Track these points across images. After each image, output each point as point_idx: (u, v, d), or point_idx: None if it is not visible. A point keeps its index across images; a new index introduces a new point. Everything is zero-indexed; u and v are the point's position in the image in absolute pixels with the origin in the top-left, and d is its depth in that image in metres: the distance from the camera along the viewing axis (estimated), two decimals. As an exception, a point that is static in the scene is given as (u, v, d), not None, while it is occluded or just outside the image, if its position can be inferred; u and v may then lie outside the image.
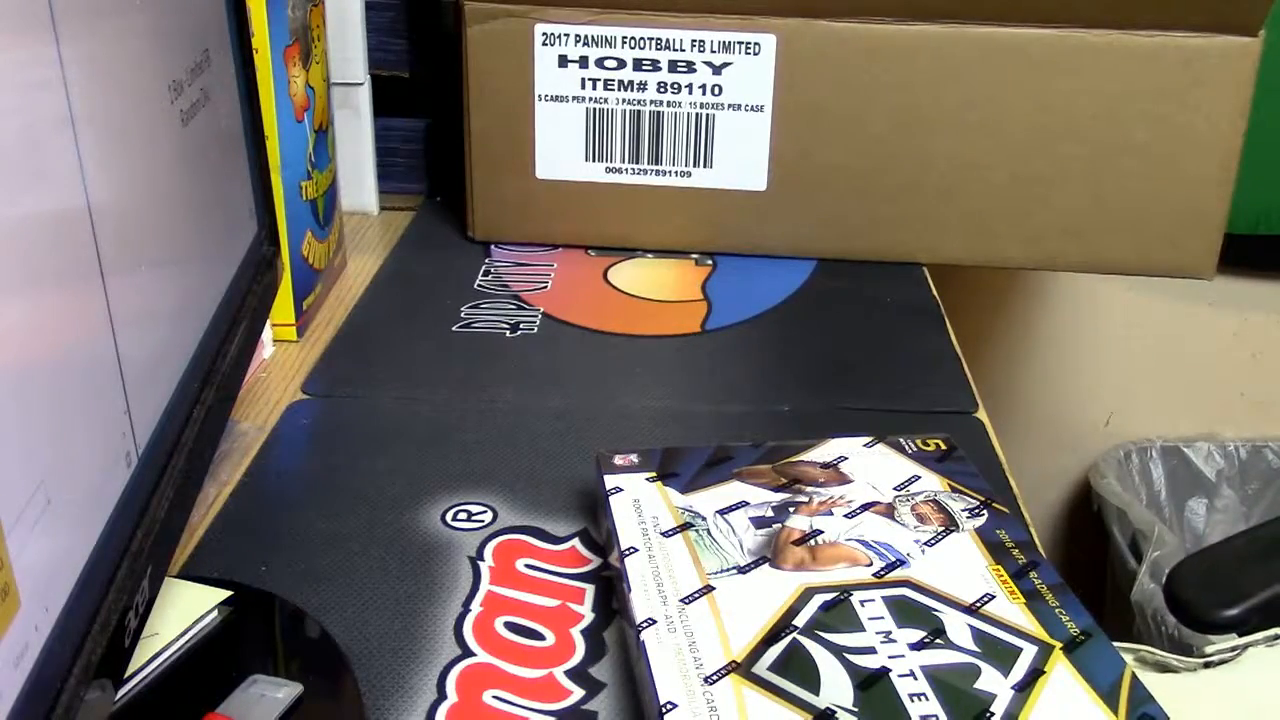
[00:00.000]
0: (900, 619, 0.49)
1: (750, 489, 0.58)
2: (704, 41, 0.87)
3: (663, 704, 0.45)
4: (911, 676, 0.46)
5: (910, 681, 0.46)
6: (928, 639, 0.48)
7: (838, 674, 0.46)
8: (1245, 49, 0.84)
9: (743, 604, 0.50)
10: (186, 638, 0.51)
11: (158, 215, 0.44)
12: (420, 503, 0.62)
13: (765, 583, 0.52)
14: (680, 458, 0.60)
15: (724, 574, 0.52)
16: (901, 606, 0.50)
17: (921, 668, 0.47)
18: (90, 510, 0.37)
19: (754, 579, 0.52)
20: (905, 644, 0.48)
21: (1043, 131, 0.87)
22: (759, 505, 0.57)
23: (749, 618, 0.49)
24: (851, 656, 0.47)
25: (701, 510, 0.56)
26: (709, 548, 0.54)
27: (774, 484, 0.58)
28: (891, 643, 0.48)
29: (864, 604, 0.50)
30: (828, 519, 0.55)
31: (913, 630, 0.49)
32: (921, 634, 0.48)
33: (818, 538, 0.54)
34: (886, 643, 0.48)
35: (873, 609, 0.50)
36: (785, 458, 0.60)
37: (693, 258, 0.93)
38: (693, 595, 0.51)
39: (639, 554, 0.53)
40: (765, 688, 0.46)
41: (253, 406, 0.72)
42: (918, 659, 0.47)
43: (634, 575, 0.52)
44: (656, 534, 0.55)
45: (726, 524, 0.55)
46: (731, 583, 0.51)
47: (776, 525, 0.55)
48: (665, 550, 0.54)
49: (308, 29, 0.79)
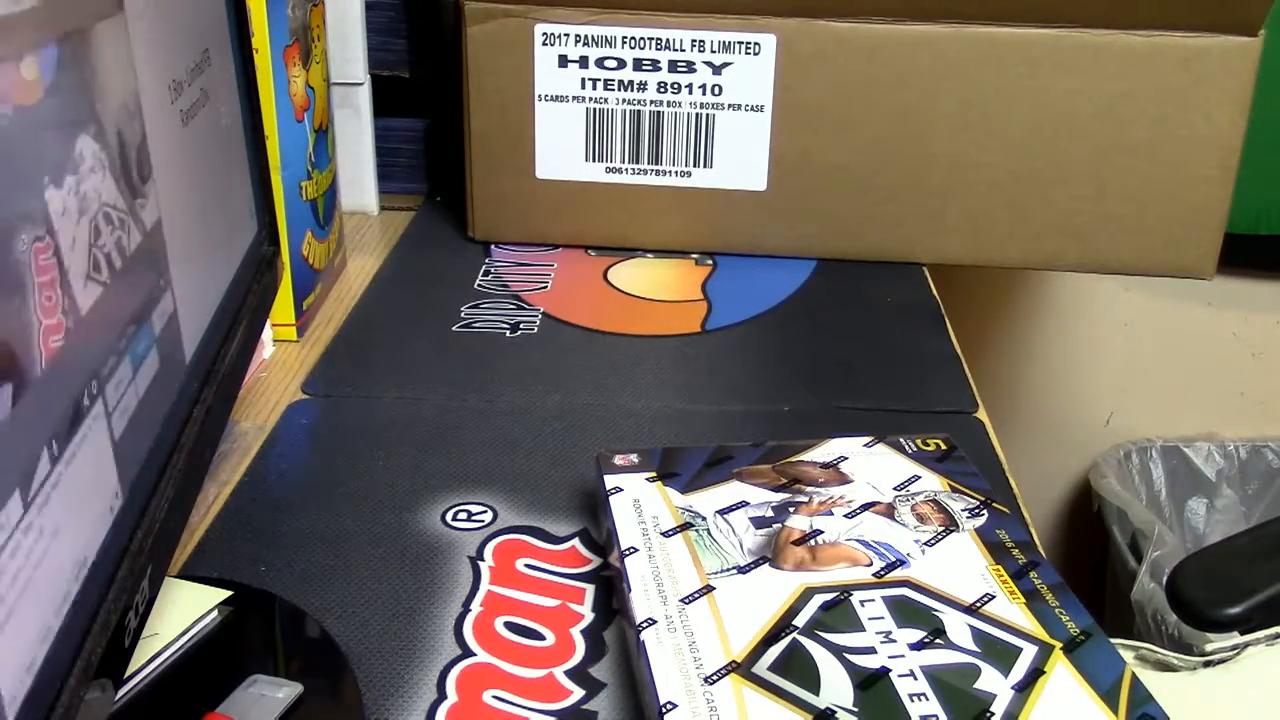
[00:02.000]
0: (900, 619, 0.49)
1: (750, 489, 0.58)
2: (704, 41, 0.87)
3: (663, 704, 0.45)
4: (911, 676, 0.46)
5: (910, 681, 0.46)
6: (928, 639, 0.48)
7: (838, 674, 0.46)
8: (1245, 49, 0.84)
9: (743, 604, 0.50)
10: (186, 638, 0.51)
11: (157, 215, 0.44)
12: (420, 503, 0.62)
13: (765, 583, 0.52)
14: (680, 458, 0.60)
15: (724, 574, 0.52)
16: (901, 606, 0.50)
17: (921, 668, 0.47)
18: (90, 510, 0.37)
19: (754, 579, 0.52)
20: (905, 644, 0.48)
21: (1043, 131, 0.87)
22: (759, 505, 0.57)
23: (749, 618, 0.49)
24: (851, 656, 0.47)
25: (701, 510, 0.56)
26: (709, 548, 0.54)
27: (774, 484, 0.58)
28: (891, 643, 0.48)
29: (864, 604, 0.50)
30: (828, 519, 0.55)
31: (913, 630, 0.49)
32: (921, 634, 0.48)
33: (818, 538, 0.54)
34: (886, 643, 0.48)
35: (873, 609, 0.50)
36: (785, 458, 0.60)
37: (693, 258, 0.93)
38: (693, 595, 0.51)
39: (639, 554, 0.53)
40: (765, 688, 0.46)
41: (253, 406, 0.72)
42: (918, 659, 0.47)
43: (634, 575, 0.52)
44: (656, 534, 0.55)
45: (726, 524, 0.55)
46: (731, 583, 0.51)
47: (776, 525, 0.55)
48: (665, 550, 0.54)
49: (308, 29, 0.79)
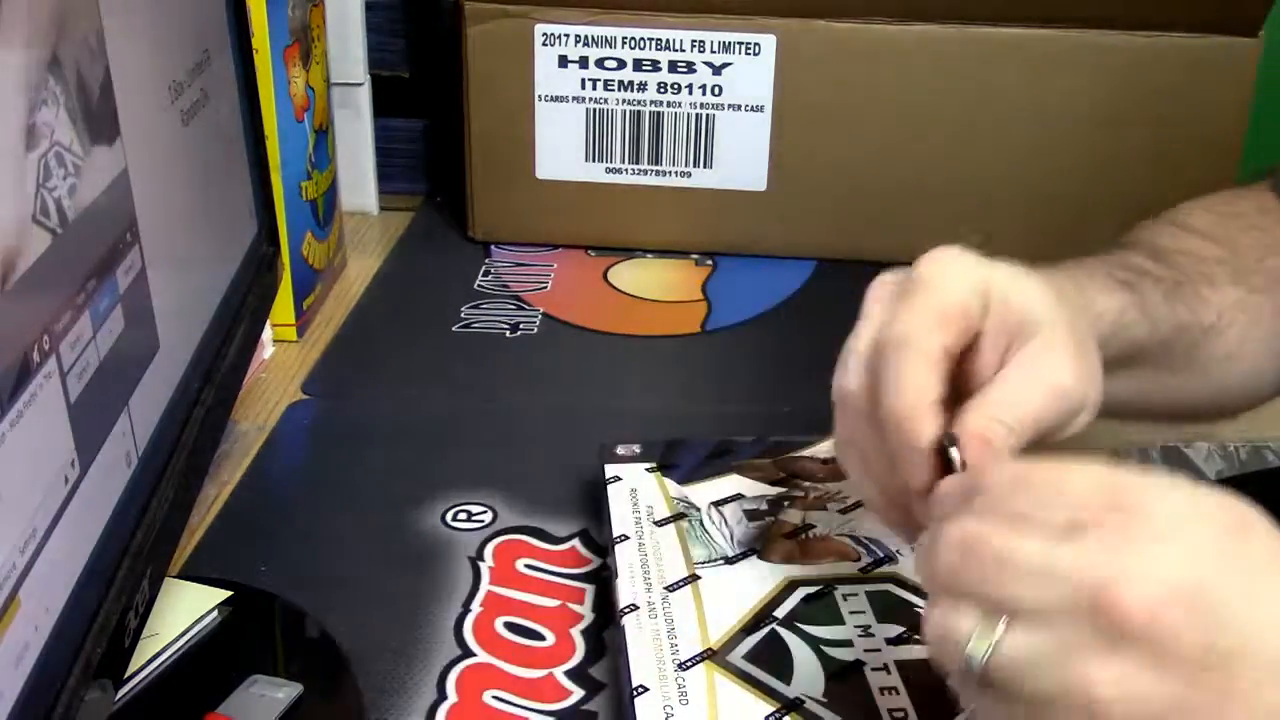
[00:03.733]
0: (881, 614, 0.49)
1: (747, 482, 0.58)
2: (704, 41, 0.86)
3: (635, 687, 0.45)
4: (885, 670, 0.46)
5: (883, 675, 0.46)
6: (906, 635, 0.48)
7: (811, 665, 0.47)
8: (1245, 49, 0.84)
9: (726, 594, 0.50)
10: (186, 638, 0.51)
11: (157, 215, 0.44)
12: (420, 503, 0.62)
13: (750, 574, 0.52)
14: (681, 450, 0.60)
15: (711, 564, 0.52)
16: (884, 601, 0.50)
17: (896, 662, 0.47)
18: (90, 510, 0.37)
19: (740, 570, 0.52)
20: (883, 639, 0.48)
21: (1042, 131, 0.87)
22: (754, 499, 0.57)
23: (730, 607, 0.50)
24: (827, 649, 0.47)
25: (696, 501, 0.56)
26: (699, 538, 0.54)
27: (771, 478, 0.58)
28: (869, 637, 0.48)
29: (847, 598, 0.50)
30: (822, 513, 0.56)
31: (892, 626, 0.49)
32: (900, 630, 0.48)
33: (810, 532, 0.54)
34: (864, 636, 0.48)
35: (855, 603, 0.50)
36: (786, 452, 0.60)
37: (693, 258, 0.93)
38: (677, 583, 0.51)
39: (629, 542, 0.54)
40: (738, 675, 0.46)
41: (253, 406, 0.72)
42: (893, 654, 0.47)
43: (621, 562, 0.52)
44: (649, 523, 0.55)
45: (719, 515, 0.55)
46: (717, 573, 0.52)
47: (769, 519, 0.55)
48: (656, 539, 0.54)
49: (308, 29, 0.79)
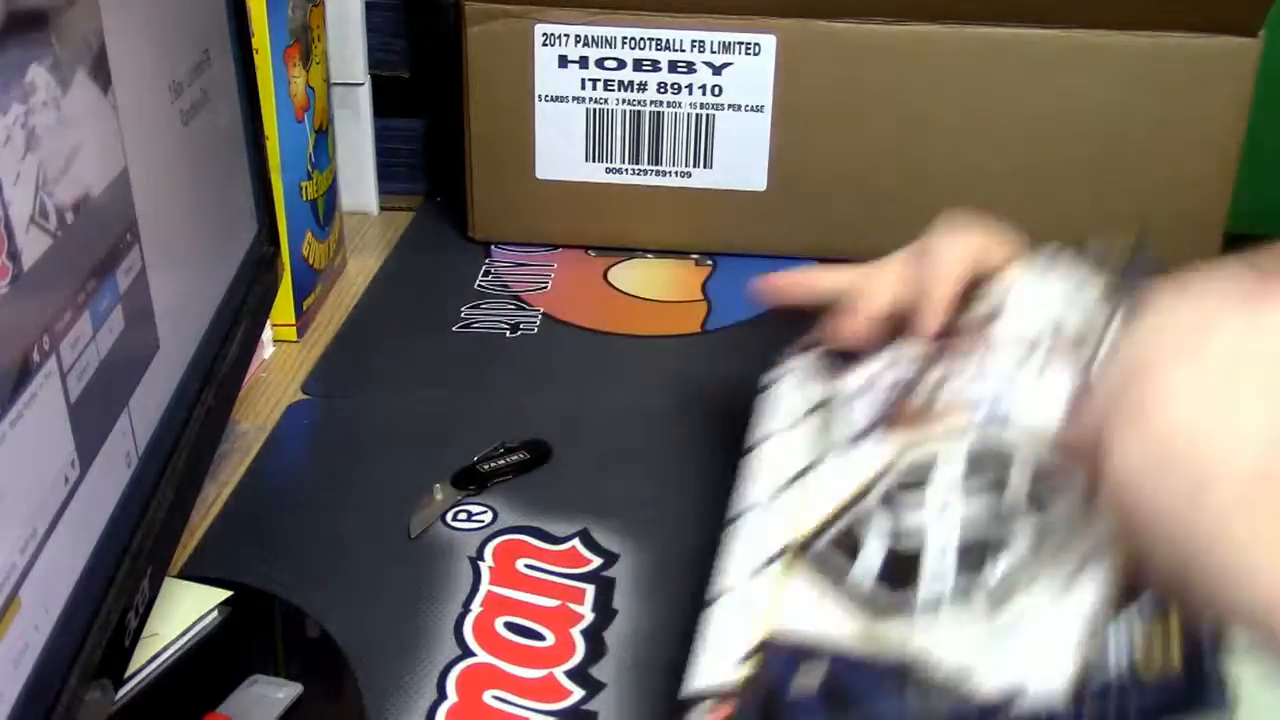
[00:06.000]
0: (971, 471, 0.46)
1: (903, 353, 0.55)
2: (704, 41, 0.86)
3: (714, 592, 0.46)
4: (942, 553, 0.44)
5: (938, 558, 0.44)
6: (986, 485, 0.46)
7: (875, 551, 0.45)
8: (1245, 49, 0.84)
9: (836, 481, 0.49)
10: (186, 638, 0.51)
11: (157, 215, 0.44)
12: (420, 503, 0.62)
13: (866, 455, 0.50)
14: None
15: (836, 451, 0.51)
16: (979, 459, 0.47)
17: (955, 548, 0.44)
18: (90, 510, 0.37)
19: (859, 452, 0.50)
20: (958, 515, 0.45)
21: (1043, 131, 0.87)
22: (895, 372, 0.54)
23: (833, 495, 0.48)
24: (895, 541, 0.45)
25: (844, 387, 0.54)
26: (832, 427, 0.53)
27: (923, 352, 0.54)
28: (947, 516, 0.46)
29: (942, 466, 0.47)
30: (960, 376, 0.51)
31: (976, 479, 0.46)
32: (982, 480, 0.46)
33: (938, 395, 0.51)
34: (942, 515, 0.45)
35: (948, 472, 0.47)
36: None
37: (693, 258, 0.93)
38: (795, 477, 0.51)
39: (771, 440, 0.54)
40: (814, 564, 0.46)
41: (253, 406, 0.72)
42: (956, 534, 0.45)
43: (755, 465, 0.53)
44: (796, 416, 0.55)
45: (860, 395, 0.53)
46: (838, 460, 0.50)
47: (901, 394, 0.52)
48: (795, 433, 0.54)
49: (308, 29, 0.79)
